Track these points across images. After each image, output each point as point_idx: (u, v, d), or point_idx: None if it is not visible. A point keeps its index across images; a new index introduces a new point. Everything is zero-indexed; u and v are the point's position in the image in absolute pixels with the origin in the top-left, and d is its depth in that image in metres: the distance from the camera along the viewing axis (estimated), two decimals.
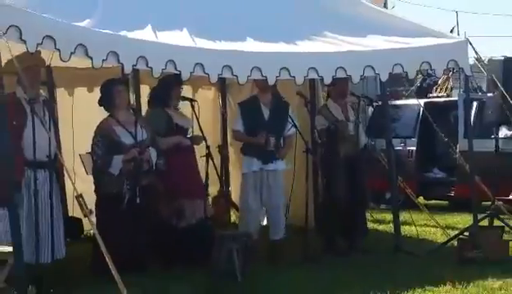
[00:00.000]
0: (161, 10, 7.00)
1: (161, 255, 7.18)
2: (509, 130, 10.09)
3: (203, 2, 7.33)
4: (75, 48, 5.99)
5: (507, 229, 8.36)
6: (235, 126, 8.00)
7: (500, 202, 9.12)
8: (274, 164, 7.73)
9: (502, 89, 8.07)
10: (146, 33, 6.57)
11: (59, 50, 5.93)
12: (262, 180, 7.73)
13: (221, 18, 7.24)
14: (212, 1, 7.39)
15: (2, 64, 5.68)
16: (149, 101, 7.74)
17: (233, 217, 9.55)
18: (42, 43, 5.81)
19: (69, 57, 6.03)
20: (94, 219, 6.25)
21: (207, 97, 9.60)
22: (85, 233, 8.24)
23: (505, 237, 8.14)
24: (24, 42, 5.71)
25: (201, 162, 7.64)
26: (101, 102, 7.13)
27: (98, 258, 5.97)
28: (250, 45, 7.10)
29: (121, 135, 6.95)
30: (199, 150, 7.72)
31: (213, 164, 7.73)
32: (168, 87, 7.51)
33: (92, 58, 6.11)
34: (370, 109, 12.26)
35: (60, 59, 6.05)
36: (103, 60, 6.17)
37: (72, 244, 7.05)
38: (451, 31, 13.15)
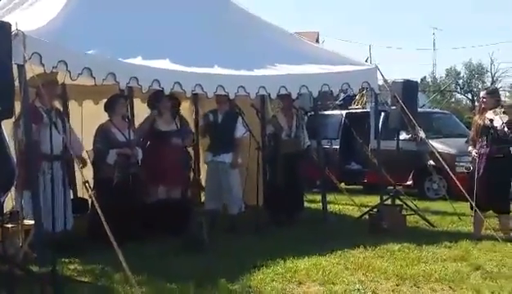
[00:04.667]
0: (149, 41, 6.92)
1: (146, 226, 7.08)
2: (407, 134, 10.20)
3: (182, 36, 7.25)
4: (82, 70, 5.92)
5: (405, 207, 8.47)
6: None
7: (400, 187, 9.26)
8: (221, 157, 7.68)
9: (402, 103, 8.16)
10: (137, 59, 6.51)
11: (69, 71, 5.86)
12: (218, 168, 7.69)
13: (195, 49, 7.18)
14: (188, 36, 7.32)
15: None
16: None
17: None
18: (56, 66, 5.73)
19: (77, 77, 5.96)
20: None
21: (184, 107, 9.51)
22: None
23: (403, 213, 8.24)
24: (43, 65, 5.62)
25: None
26: (105, 108, 7.08)
27: (94, 225, 5.89)
28: (216, 69, 7.09)
29: (116, 135, 6.89)
30: None
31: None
32: (154, 101, 7.43)
33: (94, 78, 6.05)
34: (306, 118, 12.29)
35: (70, 78, 5.98)
36: (103, 79, 6.11)
37: (80, 218, 6.92)
38: (366, 60, 13.23)
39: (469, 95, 43.70)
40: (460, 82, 44.87)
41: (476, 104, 25.28)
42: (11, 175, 5.34)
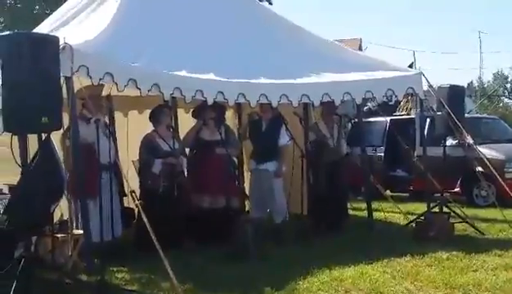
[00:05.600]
0: (193, 53, 6.98)
1: (191, 235, 7.11)
2: (454, 140, 10.01)
3: (225, 48, 7.28)
4: (128, 81, 6.03)
5: (453, 214, 8.31)
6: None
7: (447, 194, 9.09)
8: (265, 165, 7.67)
9: (448, 109, 8.03)
10: (181, 70, 6.58)
11: (116, 83, 5.98)
12: (261, 176, 7.66)
13: (238, 60, 7.22)
14: (232, 48, 7.34)
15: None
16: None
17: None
18: (103, 78, 5.85)
19: (124, 88, 6.07)
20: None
21: (227, 116, 9.55)
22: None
23: (451, 220, 8.08)
24: (90, 77, 5.75)
25: None
26: (150, 119, 7.17)
27: (140, 237, 5.95)
28: (259, 78, 7.11)
29: (161, 144, 6.98)
30: None
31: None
32: (200, 111, 7.51)
33: (140, 89, 6.15)
34: (349, 125, 12.18)
35: (117, 89, 6.09)
36: (148, 90, 6.21)
37: (126, 227, 7.00)
38: (410, 66, 13.04)
39: None
40: (508, 86, 43.87)
41: None
42: (61, 186, 5.48)
